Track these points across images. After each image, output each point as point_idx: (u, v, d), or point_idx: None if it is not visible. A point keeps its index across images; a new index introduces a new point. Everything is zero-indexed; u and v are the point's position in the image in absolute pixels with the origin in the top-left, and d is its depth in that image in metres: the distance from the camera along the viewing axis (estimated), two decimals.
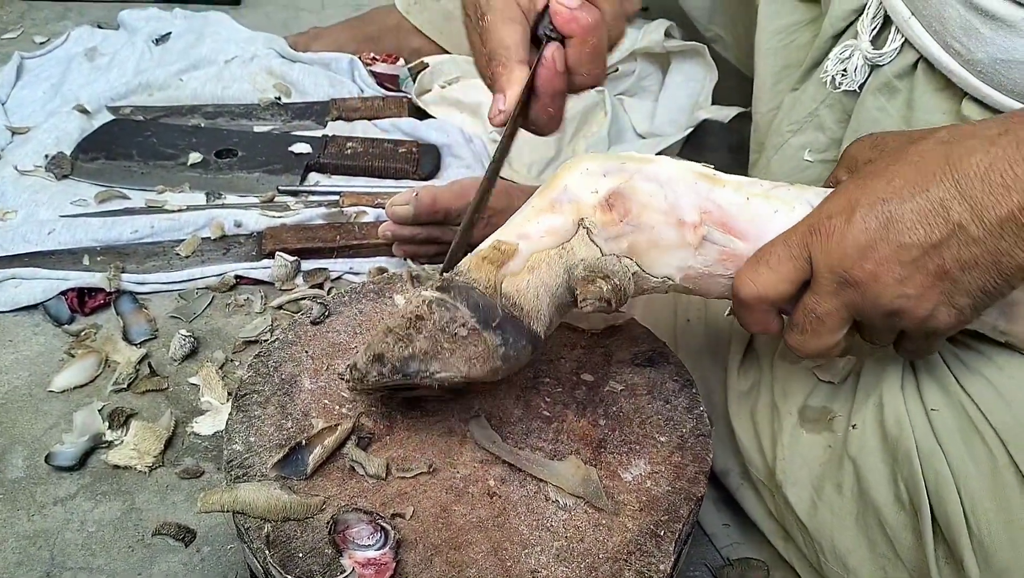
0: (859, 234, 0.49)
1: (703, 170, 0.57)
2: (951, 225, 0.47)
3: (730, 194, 0.56)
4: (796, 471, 0.64)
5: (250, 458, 0.57)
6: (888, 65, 0.69)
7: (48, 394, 0.82)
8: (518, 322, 0.53)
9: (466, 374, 0.53)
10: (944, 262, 0.48)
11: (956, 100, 0.65)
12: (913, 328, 0.52)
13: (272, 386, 0.62)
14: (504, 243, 0.55)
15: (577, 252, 0.55)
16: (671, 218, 0.55)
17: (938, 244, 0.48)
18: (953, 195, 0.47)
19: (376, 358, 0.54)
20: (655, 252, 0.56)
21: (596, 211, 0.56)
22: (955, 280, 0.49)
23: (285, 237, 0.99)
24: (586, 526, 0.54)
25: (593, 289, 0.54)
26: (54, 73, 1.31)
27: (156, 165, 1.11)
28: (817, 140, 0.77)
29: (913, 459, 0.57)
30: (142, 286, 0.94)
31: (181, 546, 0.70)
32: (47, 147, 1.12)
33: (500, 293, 0.53)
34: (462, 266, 0.55)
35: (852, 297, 0.51)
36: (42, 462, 0.75)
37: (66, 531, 0.71)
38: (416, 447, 0.58)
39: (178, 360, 0.86)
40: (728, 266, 0.56)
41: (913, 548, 0.58)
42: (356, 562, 0.50)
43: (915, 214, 0.48)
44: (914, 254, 0.48)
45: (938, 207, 0.47)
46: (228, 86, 1.26)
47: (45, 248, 0.97)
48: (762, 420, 0.68)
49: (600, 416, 0.61)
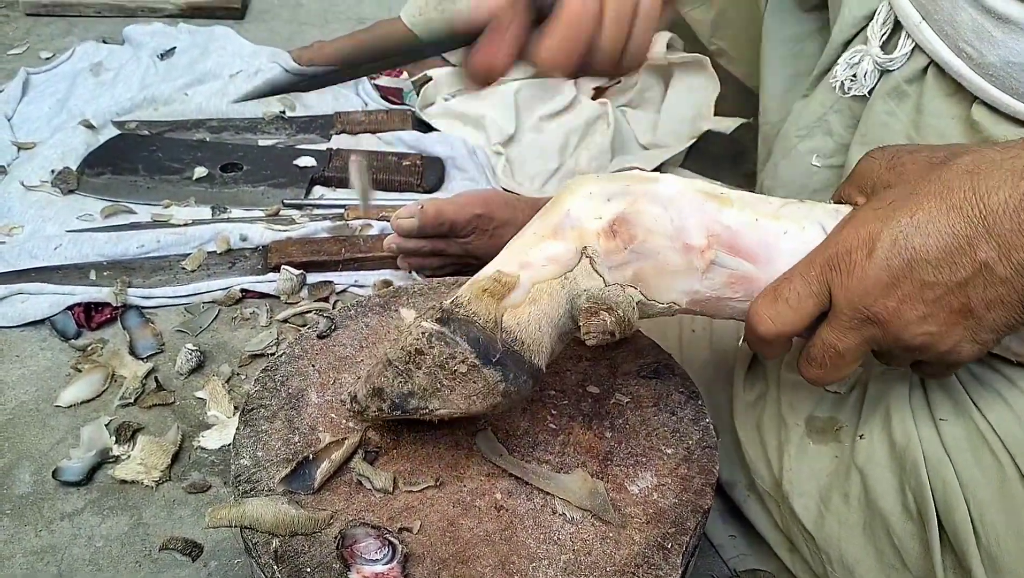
0: (881, 272, 0.48)
1: (709, 188, 0.56)
2: (977, 264, 0.46)
3: (737, 214, 0.54)
4: (803, 482, 0.64)
5: (257, 473, 0.57)
6: (898, 70, 0.69)
7: (55, 409, 0.83)
8: (519, 357, 0.53)
9: (465, 411, 0.53)
10: (969, 301, 0.47)
11: (966, 105, 0.65)
12: (934, 360, 0.51)
13: (279, 400, 0.62)
14: (505, 274, 0.54)
15: (580, 282, 0.54)
16: (677, 243, 0.54)
17: (963, 283, 0.47)
18: (980, 233, 0.45)
19: (376, 393, 0.54)
20: (661, 278, 0.55)
21: (600, 238, 0.54)
22: (980, 318, 0.48)
23: (290, 251, 0.99)
24: (593, 539, 0.54)
25: (596, 322, 0.53)
26: (60, 88, 1.31)
27: (162, 180, 1.11)
28: (825, 145, 0.77)
29: (920, 469, 0.57)
30: (148, 300, 0.95)
31: (188, 561, 0.70)
32: (53, 162, 1.12)
33: (501, 328, 0.52)
34: (462, 297, 0.54)
35: (873, 333, 0.50)
36: (49, 477, 0.76)
37: (73, 546, 0.71)
38: (423, 461, 0.58)
39: (184, 374, 0.86)
40: (736, 289, 0.55)
41: (921, 557, 0.58)
42: (364, 577, 0.50)
43: (940, 252, 0.46)
44: (938, 293, 0.47)
45: (964, 245, 0.46)
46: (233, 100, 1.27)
47: (51, 263, 0.97)
48: (768, 431, 0.68)
49: (606, 428, 0.61)
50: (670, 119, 1.16)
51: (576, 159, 1.15)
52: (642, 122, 1.19)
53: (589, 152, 1.15)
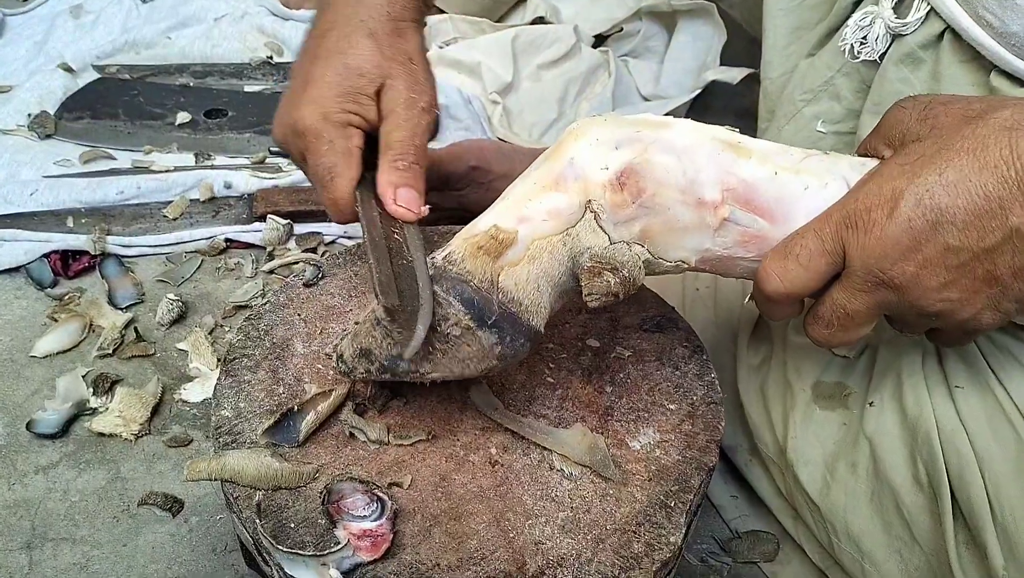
0: (902, 234, 0.44)
1: (727, 136, 0.51)
2: (1008, 230, 0.42)
3: (756, 167, 0.50)
4: (808, 449, 0.61)
5: (239, 425, 0.54)
6: (912, 35, 0.65)
7: (30, 359, 0.79)
8: (516, 319, 0.49)
9: (459, 375, 0.50)
10: (995, 268, 0.44)
11: (984, 72, 0.61)
12: (951, 328, 0.48)
13: (263, 350, 0.59)
14: (502, 231, 0.49)
15: (583, 239, 0.50)
16: (689, 197, 0.50)
17: (991, 249, 0.43)
18: (1015, 196, 0.42)
19: (363, 353, 0.51)
20: (670, 236, 0.51)
21: (606, 191, 0.49)
22: (1005, 287, 0.44)
23: (277, 199, 0.96)
24: (592, 496, 0.51)
25: (599, 284, 0.50)
26: (38, 31, 1.27)
27: (143, 125, 1.07)
28: (832, 110, 0.73)
29: (933, 439, 0.54)
30: (128, 249, 0.91)
31: (168, 516, 0.67)
32: (30, 106, 1.08)
33: (497, 288, 0.49)
34: (455, 254, 0.50)
35: (887, 297, 0.47)
36: (23, 429, 0.73)
37: (48, 501, 0.68)
38: (414, 414, 0.55)
39: (165, 325, 0.83)
40: (750, 249, 0.51)
41: (931, 531, 0.55)
42: (351, 533, 0.47)
43: (968, 214, 0.43)
44: (963, 259, 0.44)
45: (996, 208, 0.42)
46: (218, 44, 1.23)
47: (27, 209, 0.93)
48: (773, 396, 0.65)
49: (607, 383, 0.58)
50: (674, 69, 1.12)
51: (576, 110, 1.11)
52: (644, 72, 1.15)
53: (589, 103, 1.11)
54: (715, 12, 1.10)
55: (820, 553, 0.63)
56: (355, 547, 0.47)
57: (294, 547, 0.47)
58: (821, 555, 0.63)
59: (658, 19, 1.16)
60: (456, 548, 0.48)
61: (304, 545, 0.47)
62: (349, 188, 0.60)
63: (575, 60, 1.13)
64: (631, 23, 1.18)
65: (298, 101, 0.61)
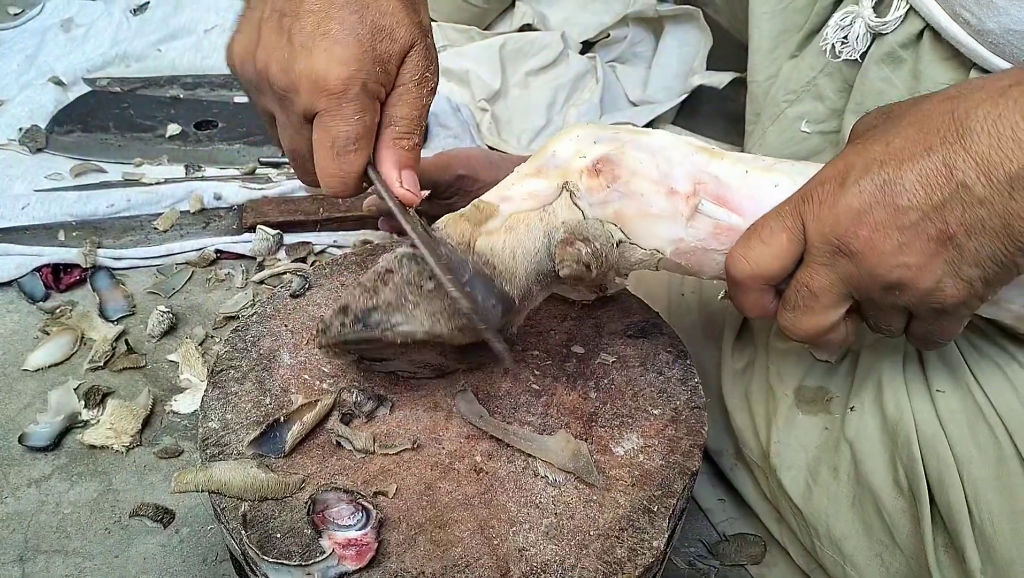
0: (852, 198, 0.45)
1: (701, 143, 0.54)
2: (954, 184, 0.43)
3: (728, 166, 0.52)
4: (791, 454, 0.62)
5: (226, 436, 0.54)
6: (891, 34, 0.65)
7: (22, 373, 0.80)
8: (488, 280, 0.51)
9: (428, 329, 0.50)
10: (947, 226, 0.44)
11: (964, 70, 0.62)
12: (917, 304, 0.48)
13: (250, 361, 0.60)
14: (484, 203, 0.54)
15: (559, 214, 0.53)
16: (662, 187, 0.52)
17: (940, 206, 0.43)
18: (957, 152, 0.42)
19: (341, 309, 0.52)
20: (644, 221, 0.53)
21: (583, 175, 0.53)
22: (960, 247, 0.44)
23: (267, 210, 0.96)
24: (576, 502, 0.51)
25: (571, 252, 0.52)
26: (29, 45, 1.27)
27: (133, 137, 1.07)
28: (816, 110, 0.74)
29: (913, 443, 0.54)
30: (119, 261, 0.91)
31: (159, 527, 0.67)
32: (21, 120, 1.09)
33: (473, 250, 0.52)
34: (440, 223, 0.54)
35: (848, 269, 0.47)
36: (15, 442, 0.73)
37: (40, 513, 0.68)
38: (400, 423, 0.56)
39: (156, 337, 0.84)
40: (723, 240, 0.52)
41: (911, 535, 0.56)
42: (336, 543, 0.47)
43: (915, 174, 0.44)
44: (913, 218, 0.44)
45: (940, 166, 0.43)
46: (208, 56, 1.23)
47: (19, 223, 0.94)
48: (757, 400, 0.66)
49: (591, 389, 0.59)
50: (661, 74, 1.12)
51: (564, 116, 1.12)
52: (632, 78, 1.15)
53: (577, 109, 1.12)
54: (701, 17, 1.11)
55: (804, 556, 0.64)
56: (340, 556, 0.47)
57: (280, 557, 0.47)
58: (805, 558, 0.64)
59: (645, 25, 1.17)
60: (441, 556, 0.48)
61: (290, 555, 0.47)
62: (362, 167, 0.57)
63: (563, 67, 1.14)
64: (618, 29, 1.18)
65: (314, 48, 0.53)
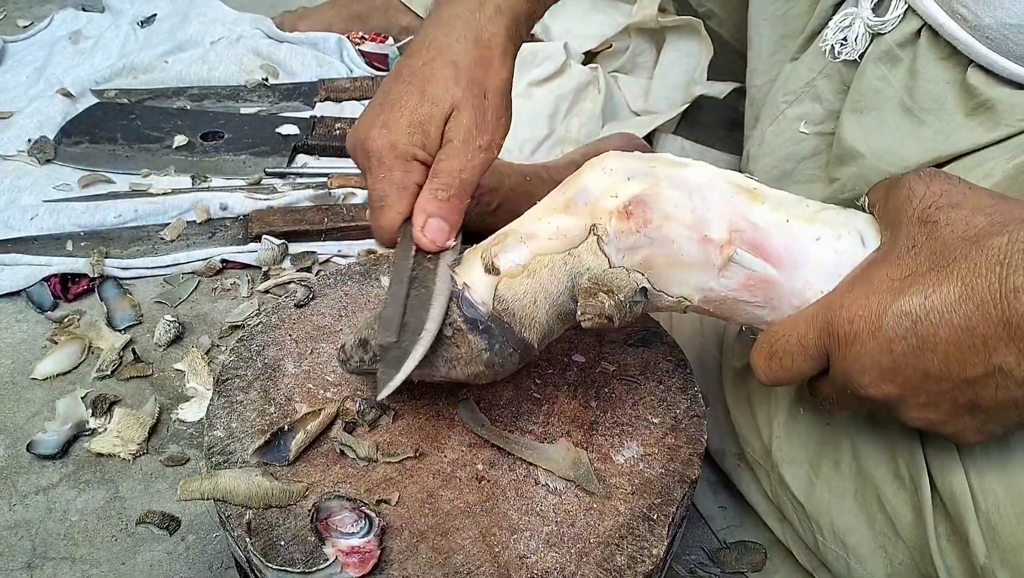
0: (882, 356, 0.44)
1: (742, 181, 0.51)
2: (991, 367, 0.42)
3: (768, 212, 0.50)
4: (793, 450, 0.62)
5: (231, 444, 0.55)
6: (890, 33, 0.66)
7: (31, 382, 0.81)
8: (507, 328, 0.51)
9: (445, 375, 0.52)
10: (978, 398, 0.44)
11: (961, 69, 0.62)
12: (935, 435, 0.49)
13: (255, 370, 0.61)
14: (504, 234, 0.53)
15: (583, 260, 0.51)
16: (695, 233, 0.49)
17: (973, 381, 0.43)
18: (999, 335, 0.41)
19: (361, 343, 0.53)
20: (673, 269, 0.51)
21: (612, 217, 0.50)
22: (989, 412, 0.44)
23: (272, 220, 0.97)
24: (577, 510, 0.52)
25: (594, 304, 0.50)
26: (38, 57, 1.29)
27: (141, 148, 1.09)
28: (814, 111, 0.74)
29: (912, 432, 0.55)
30: (126, 271, 0.92)
31: (165, 535, 0.68)
32: (30, 131, 1.10)
33: (495, 296, 0.51)
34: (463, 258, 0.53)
35: (869, 405, 0.48)
36: (24, 451, 0.74)
37: (48, 521, 0.69)
38: (402, 431, 0.57)
39: (163, 346, 0.84)
40: (755, 293, 0.50)
41: (914, 526, 0.56)
42: (339, 550, 0.48)
43: (950, 345, 0.42)
44: (944, 386, 0.44)
45: (979, 345, 0.42)
46: (214, 68, 1.24)
47: (27, 233, 0.95)
48: (758, 399, 0.66)
49: (592, 397, 0.60)
50: (662, 84, 1.13)
51: (566, 126, 1.12)
52: (634, 88, 1.16)
53: (580, 119, 1.12)
54: (702, 29, 1.11)
55: (807, 554, 0.64)
56: (343, 564, 0.48)
57: (284, 564, 0.48)
58: (808, 556, 0.64)
59: (647, 36, 1.18)
60: (442, 563, 0.49)
61: (294, 562, 0.48)
62: (396, 221, 0.59)
63: (565, 77, 1.15)
64: (620, 40, 1.19)
65: (373, 120, 0.60)
